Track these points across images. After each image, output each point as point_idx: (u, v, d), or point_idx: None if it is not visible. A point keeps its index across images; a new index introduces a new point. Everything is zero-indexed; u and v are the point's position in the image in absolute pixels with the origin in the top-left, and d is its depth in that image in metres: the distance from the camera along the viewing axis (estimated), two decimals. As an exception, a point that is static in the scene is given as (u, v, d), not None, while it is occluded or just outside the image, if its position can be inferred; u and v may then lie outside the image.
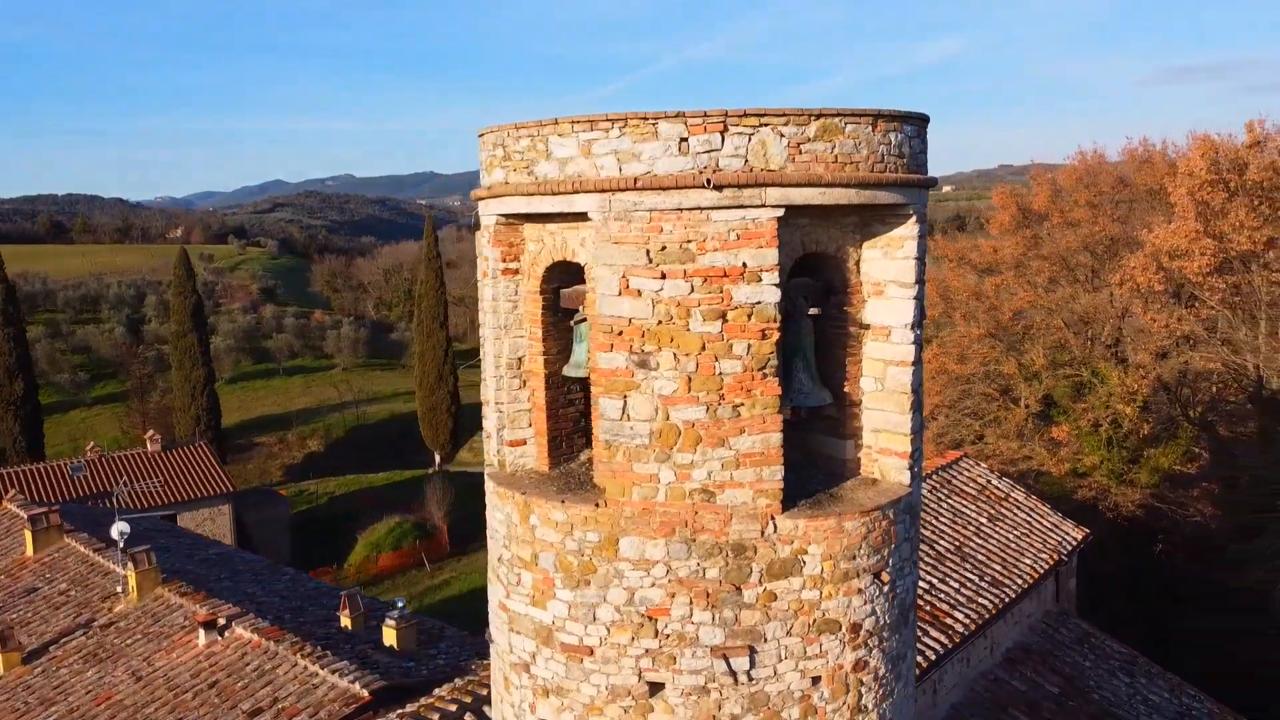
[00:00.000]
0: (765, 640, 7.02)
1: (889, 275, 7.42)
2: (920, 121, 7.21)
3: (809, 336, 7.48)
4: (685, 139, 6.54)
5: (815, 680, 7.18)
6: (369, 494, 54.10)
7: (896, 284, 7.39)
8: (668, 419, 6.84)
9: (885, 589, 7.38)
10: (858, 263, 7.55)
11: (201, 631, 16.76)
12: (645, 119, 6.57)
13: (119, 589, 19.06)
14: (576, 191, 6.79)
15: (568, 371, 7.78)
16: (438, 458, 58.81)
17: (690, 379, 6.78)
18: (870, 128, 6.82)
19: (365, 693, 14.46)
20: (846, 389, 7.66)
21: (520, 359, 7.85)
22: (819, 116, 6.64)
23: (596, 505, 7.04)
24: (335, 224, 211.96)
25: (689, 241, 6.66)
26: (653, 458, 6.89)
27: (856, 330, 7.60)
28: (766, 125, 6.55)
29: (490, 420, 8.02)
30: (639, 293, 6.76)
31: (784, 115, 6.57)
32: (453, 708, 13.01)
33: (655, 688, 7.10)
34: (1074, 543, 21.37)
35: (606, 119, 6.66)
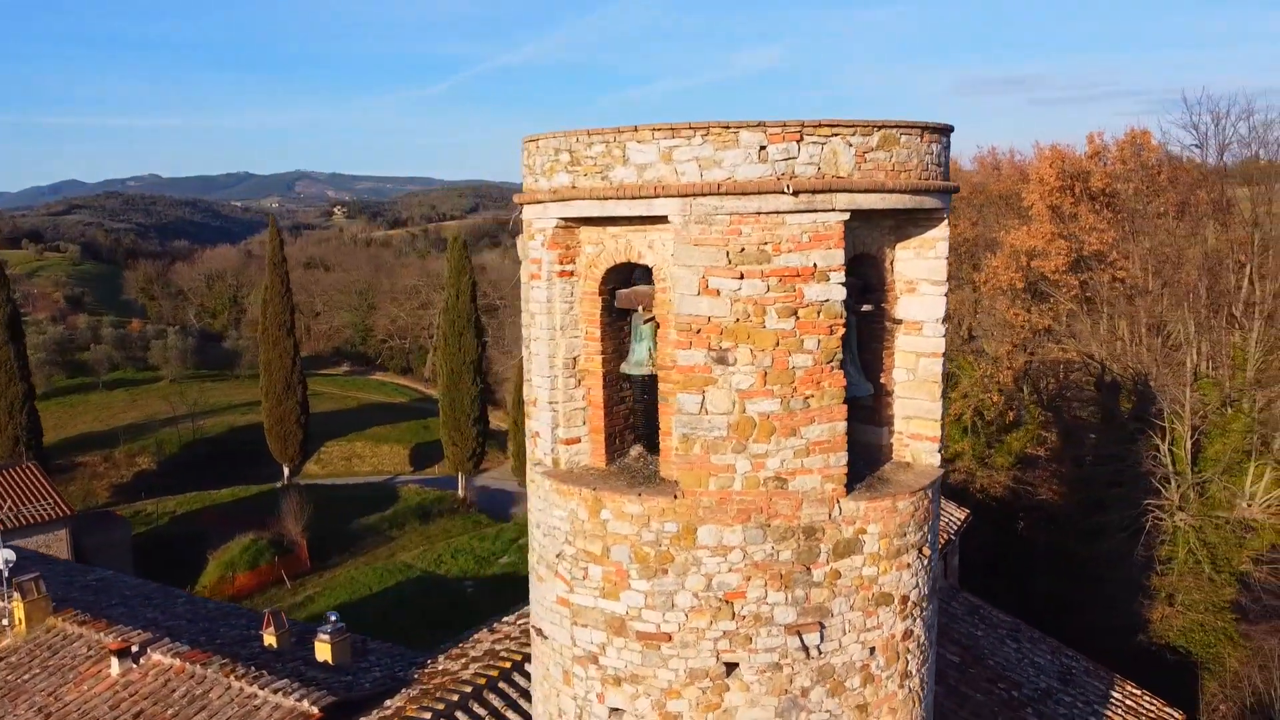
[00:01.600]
0: (832, 615, 7.52)
1: (921, 274, 8.07)
2: (949, 133, 7.89)
3: (853, 332, 8.03)
4: (764, 146, 6.95)
5: (872, 650, 7.74)
6: (214, 512, 51.37)
7: (928, 281, 8.05)
8: (744, 412, 7.22)
9: (925, 562, 8.02)
10: (891, 262, 8.16)
11: (114, 660, 15.76)
12: (727, 128, 6.94)
13: (2, 621, 17.62)
14: (657, 195, 7.07)
15: (626, 369, 8.03)
16: (286, 471, 56.46)
17: (765, 373, 7.19)
18: (919, 138, 7.44)
19: (315, 709, 14.05)
20: (882, 380, 8.27)
21: (575, 359, 8.03)
22: (880, 127, 7.20)
23: (674, 496, 7.34)
24: (142, 227, 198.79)
25: (765, 243, 7.07)
26: (729, 449, 7.25)
27: (890, 325, 8.21)
28: (837, 135, 7.04)
29: (542, 419, 8.16)
30: (718, 292, 7.11)
31: (852, 126, 7.09)
32: (426, 716, 12.89)
33: (730, 667, 7.46)
34: (959, 522, 23.05)
35: (689, 127, 6.99)
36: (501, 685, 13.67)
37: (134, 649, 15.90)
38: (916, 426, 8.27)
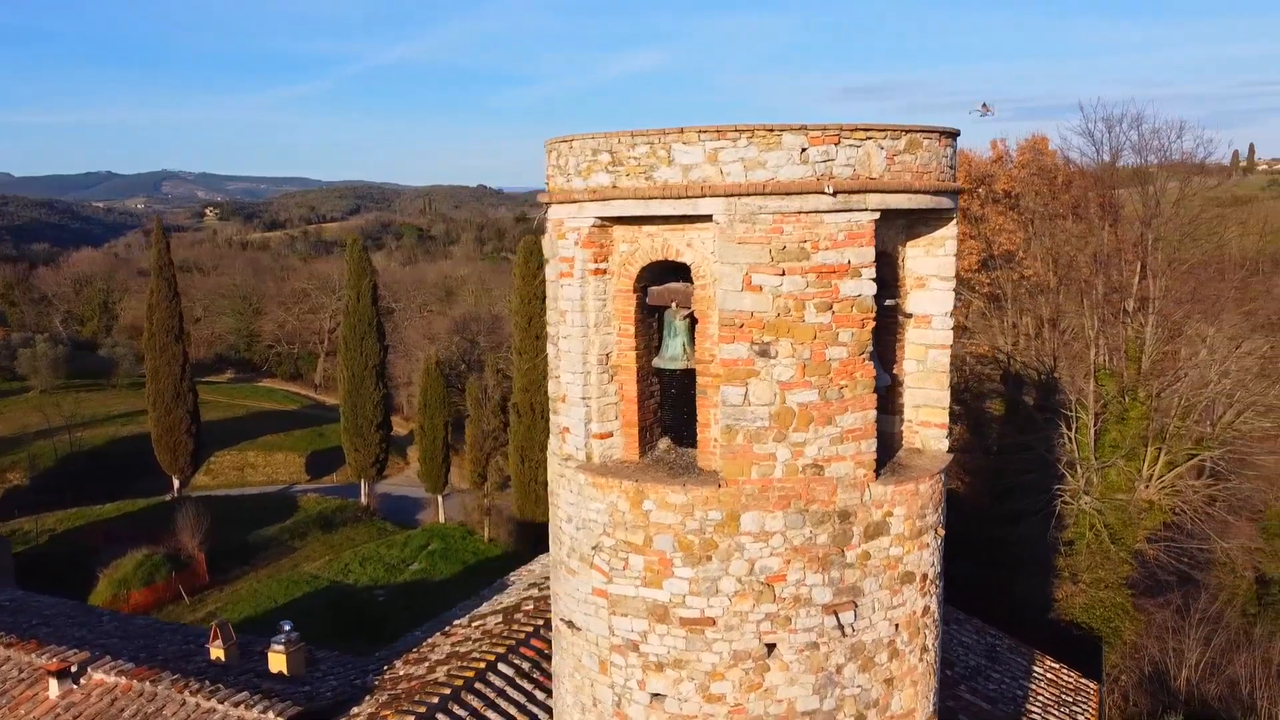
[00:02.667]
0: (864, 595, 7.92)
1: (930, 270, 8.55)
2: (957, 137, 8.40)
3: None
4: (805, 149, 7.30)
5: (897, 627, 8.18)
6: (100, 527, 48.90)
7: (938, 277, 8.54)
8: (784, 402, 7.55)
9: (939, 542, 8.51)
10: (902, 260, 8.62)
11: (52, 682, 15.04)
12: (771, 130, 7.25)
13: (-83, 649, 16.53)
14: (703, 195, 7.33)
15: (660, 364, 8.25)
16: (176, 482, 54.15)
17: (805, 365, 7.54)
18: (938, 142, 7.91)
19: (281, 721, 13.76)
20: (894, 370, 8.72)
21: (608, 355, 8.21)
22: (907, 132, 7.64)
23: (719, 485, 7.61)
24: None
25: (805, 241, 7.41)
26: (771, 438, 7.57)
27: (901, 319, 8.67)
28: (871, 139, 7.45)
29: (573, 415, 8.30)
30: (760, 288, 7.42)
31: (883, 130, 7.50)
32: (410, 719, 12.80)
33: (770, 648, 7.78)
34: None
35: (734, 129, 7.27)
36: (478, 685, 13.66)
37: (73, 669, 15.20)
38: (926, 414, 8.75)
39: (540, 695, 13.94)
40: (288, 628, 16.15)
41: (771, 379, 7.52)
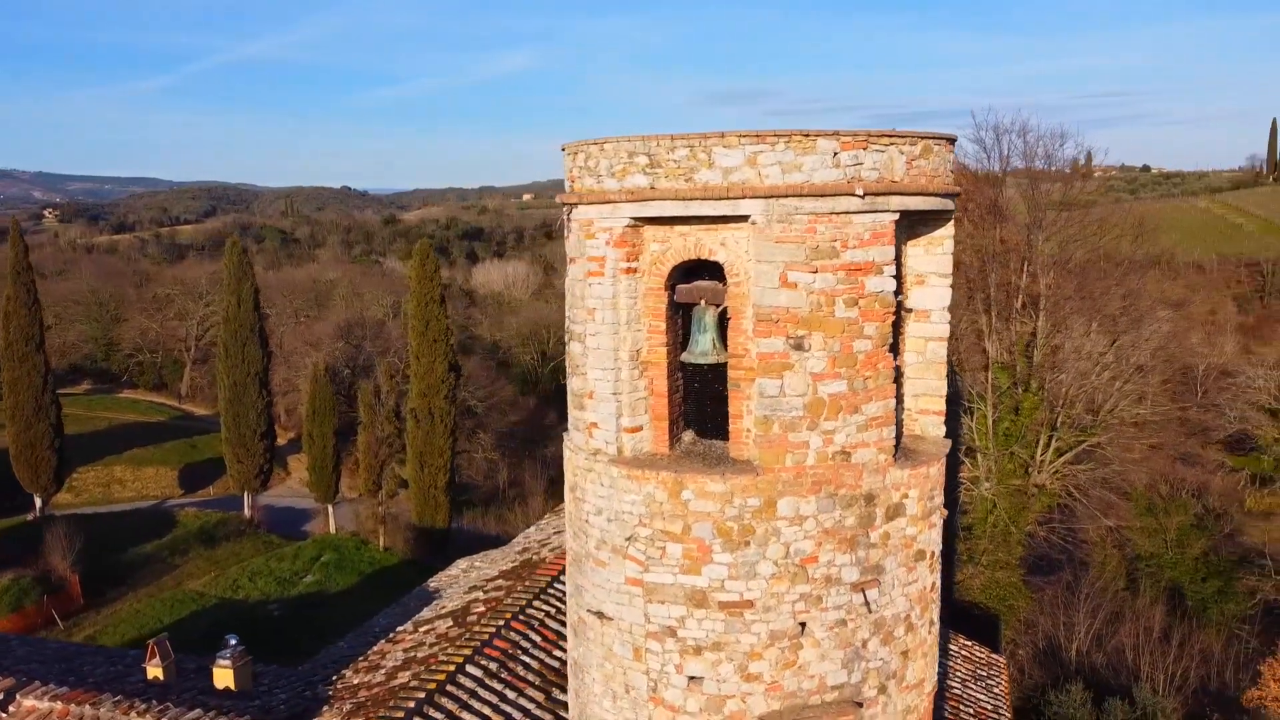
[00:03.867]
0: (885, 572, 8.44)
1: (930, 268, 9.15)
2: (955, 142, 9.01)
3: (880, 320, 8.96)
4: (838, 153, 7.75)
5: (912, 602, 8.72)
6: (-46, 552, 45.54)
7: (936, 274, 9.14)
8: (816, 393, 7.98)
9: (941, 522, 9.11)
10: (903, 258, 9.18)
11: (-21, 711, 14.18)
12: (807, 135, 7.67)
13: None
14: (744, 196, 7.69)
15: (689, 359, 8.55)
16: (39, 501, 50.89)
17: (835, 358, 7.99)
18: (944, 148, 8.50)
19: (243, 736, 13.42)
20: (896, 363, 9.26)
21: (638, 351, 8.46)
22: (922, 139, 8.19)
23: (756, 473, 7.98)
24: None
25: (835, 240, 7.87)
26: (805, 427, 7.99)
27: (903, 314, 9.23)
28: (893, 145, 7.96)
29: (603, 410, 8.51)
30: (796, 285, 7.84)
31: (904, 137, 8.03)
32: (390, 724, 12.67)
33: (803, 626, 8.19)
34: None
35: (773, 134, 7.66)
36: (450, 688, 13.62)
37: None
38: (925, 403, 9.34)
39: (510, 695, 14.02)
40: (233, 641, 15.64)
41: (805, 371, 7.93)
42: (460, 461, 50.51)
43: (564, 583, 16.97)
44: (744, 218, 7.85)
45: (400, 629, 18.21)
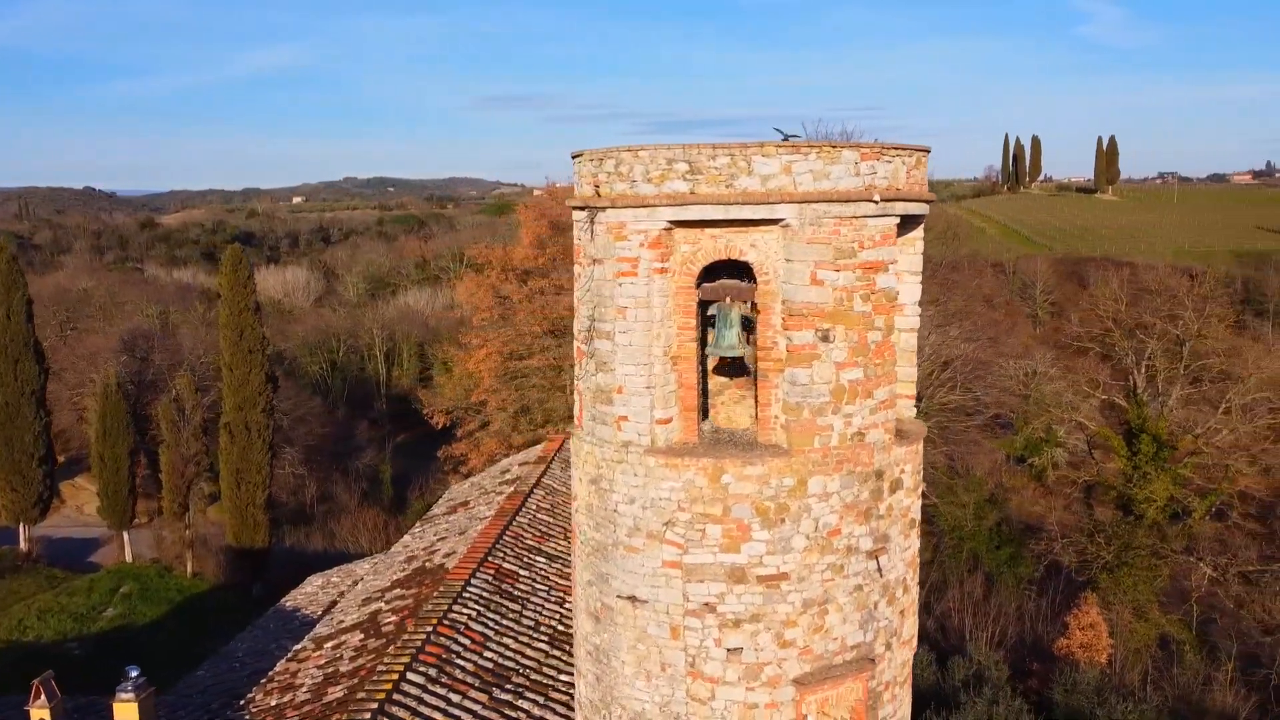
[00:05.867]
0: (890, 540, 9.38)
1: (904, 266, 10.16)
2: (929, 153, 10.04)
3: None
4: (858, 163, 8.61)
5: (906, 565, 9.72)
6: None
7: (910, 272, 10.19)
8: (839, 380, 8.81)
9: (921, 494, 10.18)
10: (883, 258, 10.16)
11: None
12: (835, 147, 8.50)
13: None
14: (780, 201, 8.40)
15: (716, 352, 9.15)
16: None
17: (853, 348, 8.84)
18: (925, 158, 9.55)
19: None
20: (879, 352, 10.24)
21: (668, 347, 8.96)
22: (916, 151, 9.19)
23: (789, 456, 8.69)
24: None
25: (854, 241, 8.72)
26: (829, 411, 8.79)
27: (882, 308, 10.21)
28: (899, 156, 8.92)
29: (634, 404, 8.94)
30: (823, 283, 8.62)
31: (906, 150, 9.01)
32: (352, 737, 12.40)
33: (828, 593, 8.98)
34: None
35: (807, 145, 8.43)
36: (396, 696, 13.47)
37: None
38: (901, 388, 10.33)
39: (455, 699, 14.06)
40: (134, 673, 14.62)
41: (830, 360, 8.73)
42: (266, 478, 48.08)
43: (475, 586, 17.05)
44: (775, 221, 8.55)
45: (299, 647, 17.63)
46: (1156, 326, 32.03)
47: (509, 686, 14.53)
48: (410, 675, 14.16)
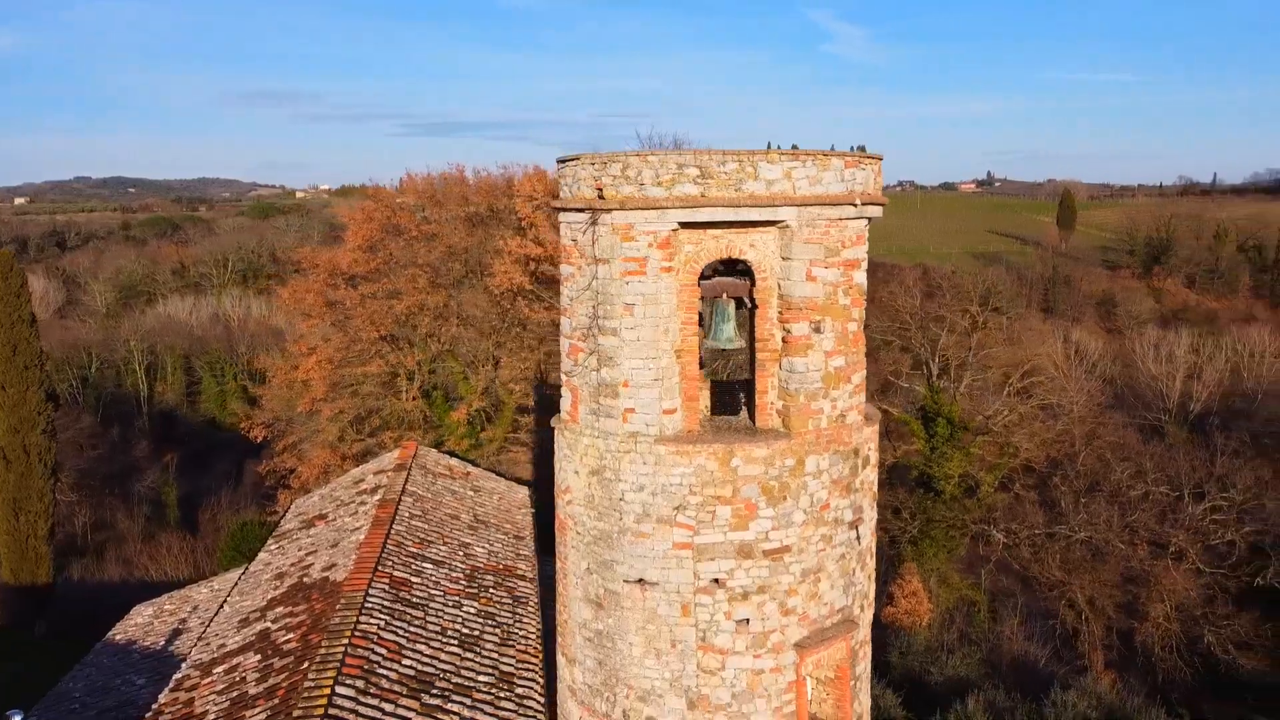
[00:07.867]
0: (864, 512, 10.35)
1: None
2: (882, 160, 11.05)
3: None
4: (843, 170, 9.50)
5: (872, 534, 10.73)
6: None
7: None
8: (828, 367, 9.67)
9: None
10: (833, 256, 11.12)
11: None
12: (827, 155, 9.34)
13: None
14: (784, 204, 9.14)
15: (715, 344, 9.75)
16: None
17: (838, 338, 9.74)
18: (880, 165, 10.59)
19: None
20: (832, 342, 11.18)
21: (673, 341, 9.47)
22: (875, 160, 10.18)
23: (790, 438, 9.45)
24: None
25: (839, 241, 9.63)
26: (821, 396, 9.64)
27: (832, 302, 11.16)
28: (870, 165, 9.90)
29: (642, 397, 9.41)
30: (817, 279, 9.45)
31: (874, 159, 9.98)
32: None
33: (820, 562, 9.82)
34: (529, 496, 26.02)
35: (804, 153, 9.22)
36: (333, 711, 13.11)
37: None
38: (851, 375, 11.35)
39: (387, 708, 13.92)
40: (17, 716, 13.35)
41: (820, 350, 9.58)
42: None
43: (375, 597, 16.74)
44: (775, 222, 9.29)
45: (181, 675, 16.60)
46: (947, 320, 35.59)
47: (434, 691, 14.47)
48: (339, 689, 13.82)
